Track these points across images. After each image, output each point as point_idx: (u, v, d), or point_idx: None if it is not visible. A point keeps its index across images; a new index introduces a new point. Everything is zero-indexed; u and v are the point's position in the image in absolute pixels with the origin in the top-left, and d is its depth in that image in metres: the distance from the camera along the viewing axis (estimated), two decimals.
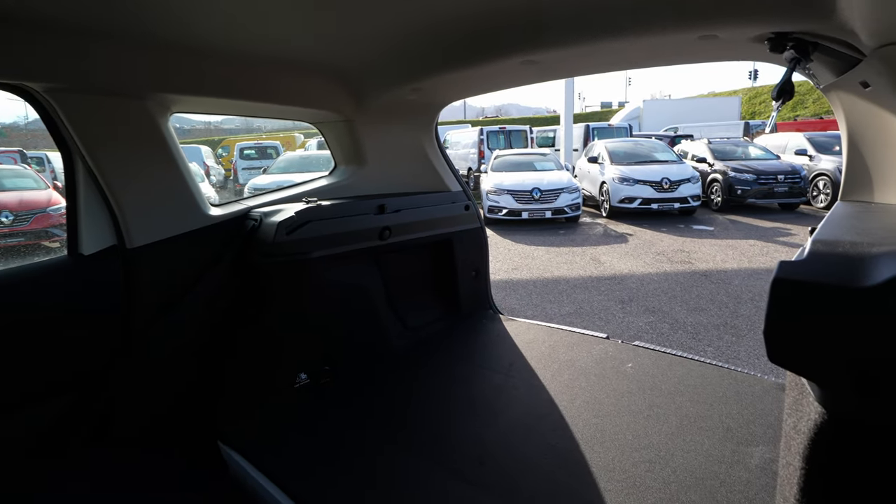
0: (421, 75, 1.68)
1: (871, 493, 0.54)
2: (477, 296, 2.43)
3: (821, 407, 0.56)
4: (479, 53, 1.45)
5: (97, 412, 1.46)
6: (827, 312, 0.53)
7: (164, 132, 1.57)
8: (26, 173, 10.43)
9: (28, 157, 14.38)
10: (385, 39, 1.45)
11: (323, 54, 1.61)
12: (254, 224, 1.71)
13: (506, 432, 1.43)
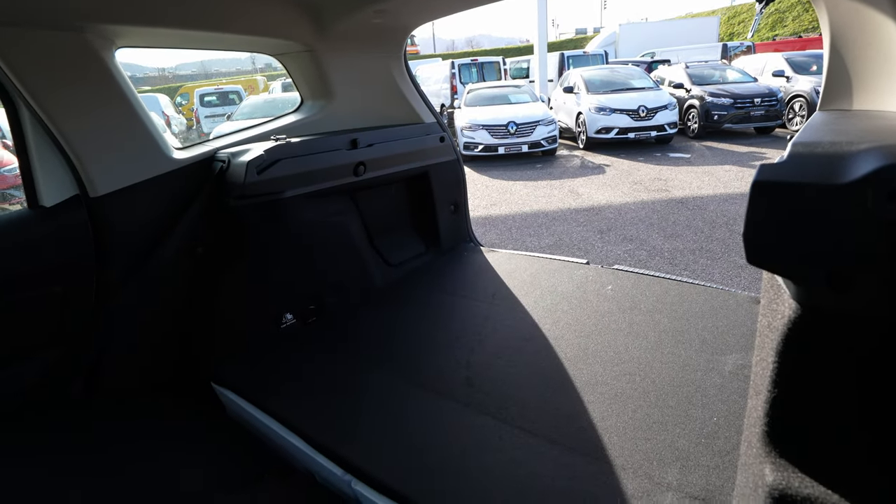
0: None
1: (840, 380, 0.57)
2: (457, 229, 2.43)
3: (795, 303, 0.58)
4: None
5: (86, 365, 1.46)
6: (805, 210, 0.53)
7: (111, 69, 1.45)
8: None
9: None
10: None
11: None
12: (222, 166, 1.64)
13: (492, 356, 1.48)
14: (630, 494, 0.96)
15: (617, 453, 1.07)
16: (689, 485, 0.97)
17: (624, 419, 1.17)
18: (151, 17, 1.45)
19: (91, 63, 1.41)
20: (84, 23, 1.36)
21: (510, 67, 16.92)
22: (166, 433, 1.31)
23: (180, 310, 1.64)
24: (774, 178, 0.56)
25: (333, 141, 1.84)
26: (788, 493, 0.55)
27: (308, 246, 1.81)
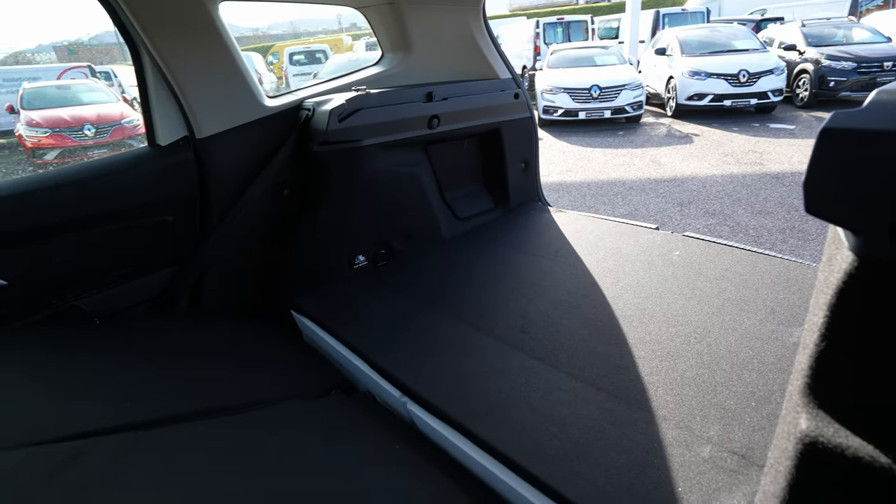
0: None
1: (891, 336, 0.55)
2: (526, 187, 2.43)
3: (853, 256, 0.55)
4: None
5: (190, 285, 1.70)
6: (873, 159, 0.51)
7: (216, 22, 1.61)
8: (99, 87, 10.93)
9: (96, 73, 14.96)
10: None
11: None
12: (307, 113, 1.78)
13: (548, 308, 1.53)
14: (667, 442, 0.99)
15: (660, 405, 1.10)
16: (731, 440, 0.99)
17: (673, 376, 1.19)
18: None
19: (200, 16, 1.57)
20: None
21: (599, 27, 15.91)
22: (252, 348, 1.52)
23: (267, 244, 1.83)
24: (845, 124, 0.53)
25: (410, 93, 1.91)
26: (820, 440, 0.55)
27: (381, 194, 1.92)
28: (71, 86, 10.75)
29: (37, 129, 8.98)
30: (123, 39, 1.55)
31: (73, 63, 16.49)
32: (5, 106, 10.87)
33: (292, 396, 1.27)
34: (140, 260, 1.63)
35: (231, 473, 0.92)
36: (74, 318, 1.50)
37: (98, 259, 1.55)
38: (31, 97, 9.80)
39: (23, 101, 9.69)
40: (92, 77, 13.27)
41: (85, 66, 15.22)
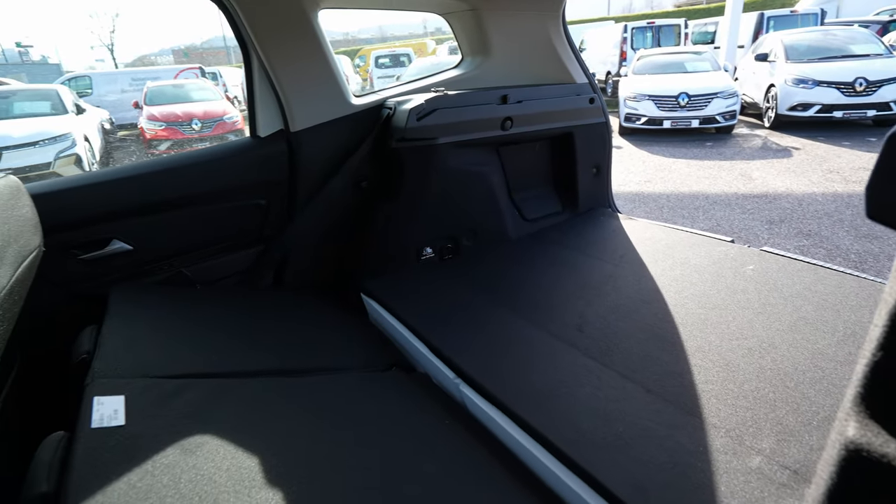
0: None
1: None
2: (596, 193, 2.42)
3: None
4: None
5: (276, 262, 1.89)
6: None
7: (314, 26, 1.78)
8: (207, 86, 12.11)
9: (206, 73, 16.54)
10: None
11: None
12: (389, 112, 1.90)
13: (606, 311, 1.53)
14: (714, 448, 0.97)
15: (711, 413, 1.07)
16: (783, 455, 0.94)
17: (729, 387, 1.15)
18: None
19: (302, 23, 1.75)
20: None
21: (693, 31, 15.08)
22: (324, 322, 1.66)
23: (344, 231, 1.99)
24: None
25: (485, 95, 1.98)
26: (866, 448, 0.53)
27: (452, 190, 2.00)
28: (184, 85, 11.99)
29: (154, 123, 10.10)
30: (238, 43, 1.76)
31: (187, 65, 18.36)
32: (132, 102, 12.36)
33: (356, 368, 1.38)
34: (235, 237, 1.84)
35: (297, 423, 1.04)
36: (181, 282, 1.74)
37: (201, 234, 1.77)
38: (153, 95, 11.04)
39: (146, 98, 10.96)
40: (202, 77, 14.71)
41: (196, 68, 16.89)
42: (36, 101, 8.63)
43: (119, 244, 1.62)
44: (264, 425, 1.00)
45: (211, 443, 0.90)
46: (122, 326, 1.25)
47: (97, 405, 0.91)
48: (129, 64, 32.32)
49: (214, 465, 0.85)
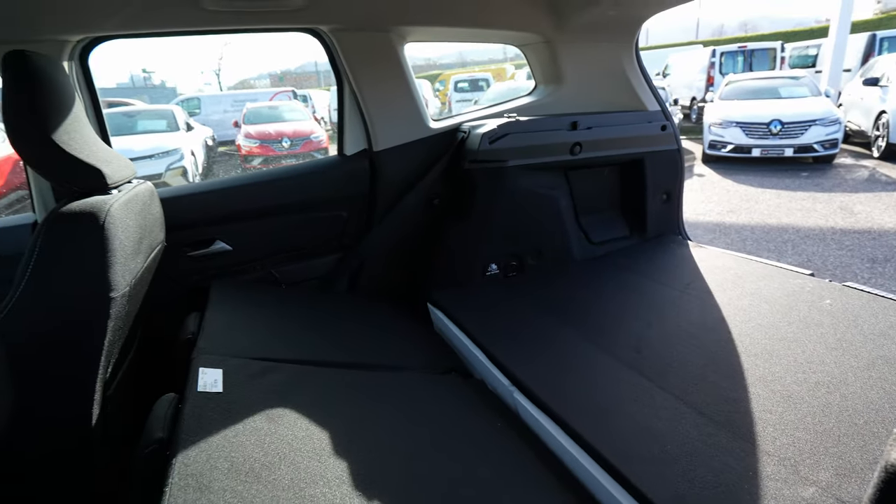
0: None
1: None
2: (666, 219, 2.38)
3: None
4: None
5: (352, 270, 2.05)
6: None
7: (400, 58, 1.96)
8: (298, 107, 13.13)
9: (297, 95, 17.92)
10: None
11: None
12: (463, 135, 2.03)
13: (667, 335, 1.51)
14: (765, 474, 0.94)
15: (766, 440, 1.04)
16: (840, 489, 0.89)
17: (789, 418, 1.10)
18: (430, 18, 1.91)
19: (389, 54, 1.93)
20: (389, 26, 1.90)
21: (790, 55, 14.14)
22: (392, 327, 1.78)
23: (416, 244, 2.12)
24: None
25: (556, 121, 2.05)
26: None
27: (520, 211, 2.07)
28: (278, 106, 13.07)
29: (250, 140, 11.09)
30: (333, 72, 1.98)
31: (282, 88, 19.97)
32: (232, 121, 13.65)
33: (417, 368, 1.47)
34: (317, 244, 2.02)
35: (361, 410, 1.15)
36: (270, 280, 1.94)
37: (289, 239, 1.97)
38: (250, 115, 12.14)
39: (244, 118, 12.07)
40: (293, 99, 15.95)
41: (289, 91, 18.34)
42: (155, 120, 9.81)
43: (221, 245, 1.86)
44: (334, 408, 1.11)
45: (290, 415, 1.03)
46: (220, 314, 1.43)
47: (201, 374, 1.07)
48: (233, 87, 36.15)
49: (292, 434, 0.98)
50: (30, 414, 1.00)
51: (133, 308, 1.25)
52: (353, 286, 2.07)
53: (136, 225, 1.19)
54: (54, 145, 1.05)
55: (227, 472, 0.83)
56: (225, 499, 0.77)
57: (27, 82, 1.02)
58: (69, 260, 1.00)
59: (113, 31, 1.59)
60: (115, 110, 10.70)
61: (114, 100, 13.50)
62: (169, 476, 0.78)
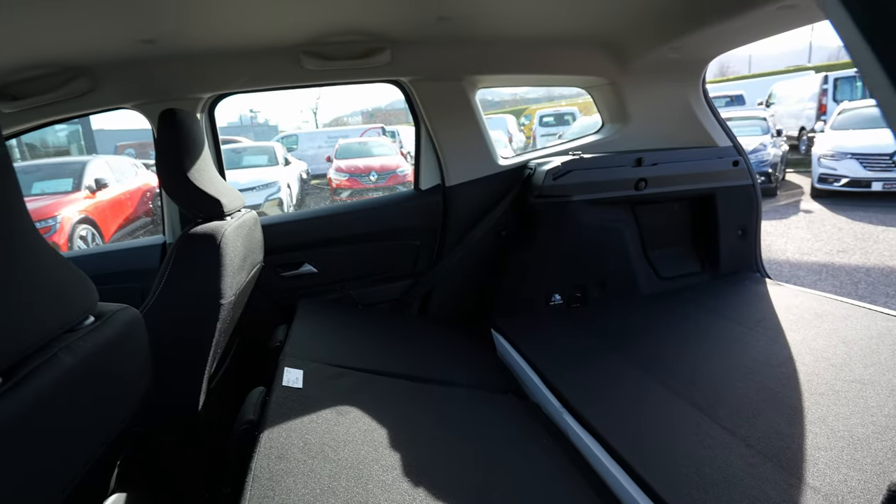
0: (675, 34, 1.75)
1: None
2: (742, 256, 2.28)
3: None
4: (732, 4, 1.45)
5: (422, 295, 2.18)
6: None
7: (472, 104, 2.13)
8: (385, 143, 13.95)
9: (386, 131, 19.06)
10: (635, 3, 1.60)
11: (584, 26, 1.85)
12: (529, 172, 2.13)
13: (726, 370, 1.47)
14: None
15: (817, 476, 0.98)
16: None
17: (846, 459, 1.03)
18: (498, 67, 2.07)
19: (461, 100, 2.11)
20: (462, 75, 2.08)
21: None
22: (456, 348, 1.86)
23: (483, 273, 2.21)
24: None
25: (619, 158, 2.09)
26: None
27: (584, 243, 2.11)
28: (367, 142, 13.98)
29: (340, 174, 11.92)
30: (411, 114, 2.17)
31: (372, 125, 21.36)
32: (325, 156, 14.79)
33: (483, 387, 1.54)
34: (391, 270, 2.18)
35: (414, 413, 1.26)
36: (348, 301, 2.12)
37: (367, 265, 2.15)
38: (342, 150, 13.09)
39: (336, 153, 13.03)
40: (382, 135, 16.95)
41: (379, 127, 19.56)
42: (258, 155, 10.95)
43: (308, 267, 2.07)
44: (393, 410, 1.23)
45: (355, 412, 1.17)
46: (304, 328, 1.61)
47: (286, 373, 1.25)
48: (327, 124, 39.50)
49: (356, 427, 1.11)
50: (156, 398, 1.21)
51: (235, 315, 1.46)
52: (424, 310, 2.20)
53: (242, 246, 1.40)
54: (189, 181, 1.30)
55: (301, 448, 0.98)
56: (298, 468, 0.92)
57: (174, 133, 1.29)
58: (193, 271, 1.23)
59: (235, 90, 1.90)
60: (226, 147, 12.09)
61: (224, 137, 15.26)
62: (256, 448, 0.94)
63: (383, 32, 1.74)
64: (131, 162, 9.87)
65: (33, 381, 0.53)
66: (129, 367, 0.77)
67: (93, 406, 0.66)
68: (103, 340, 0.66)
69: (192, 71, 1.78)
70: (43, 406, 0.54)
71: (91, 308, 0.68)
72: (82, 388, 0.62)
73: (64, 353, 0.59)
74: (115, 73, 1.71)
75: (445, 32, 1.80)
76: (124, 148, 18.13)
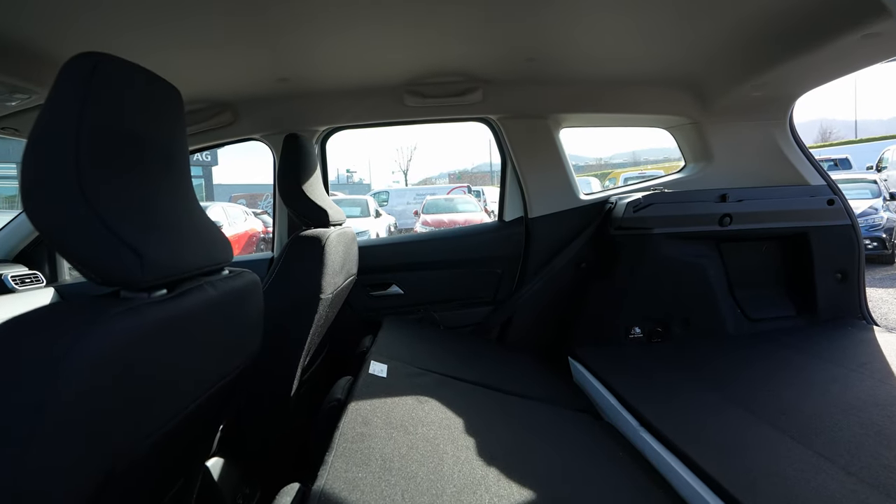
0: (756, 72, 1.76)
1: None
2: (844, 301, 2.09)
3: None
4: (811, 37, 1.46)
5: (502, 321, 2.24)
6: None
7: (556, 141, 2.26)
8: (471, 200, 14.52)
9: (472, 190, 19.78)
10: (715, 43, 1.65)
11: (664, 67, 1.92)
12: (610, 206, 2.18)
13: (823, 405, 1.35)
14: None
15: None
16: None
17: None
18: (581, 106, 2.20)
19: (546, 137, 2.24)
20: (547, 113, 2.23)
21: None
22: (536, 372, 1.87)
23: (561, 303, 2.24)
24: None
25: (703, 193, 2.07)
26: None
27: (665, 277, 2.07)
28: (454, 199, 14.59)
29: (426, 228, 12.47)
30: (498, 150, 2.35)
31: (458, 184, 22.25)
32: (413, 211, 15.59)
33: (549, 402, 1.55)
34: (473, 296, 2.29)
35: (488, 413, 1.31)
36: (431, 322, 2.23)
37: (450, 290, 2.28)
38: (429, 205, 13.77)
39: (423, 208, 13.72)
40: (468, 193, 17.62)
41: (465, 186, 20.35)
42: (352, 207, 11.84)
43: (395, 288, 2.23)
44: (473, 409, 1.28)
45: (433, 402, 1.24)
46: (390, 337, 1.74)
47: (372, 365, 1.37)
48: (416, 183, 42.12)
49: (436, 414, 1.18)
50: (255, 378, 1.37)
51: (329, 316, 1.62)
52: (503, 337, 2.25)
53: (341, 253, 1.60)
54: (303, 192, 1.55)
55: (383, 422, 1.07)
56: (379, 434, 1.01)
57: (295, 152, 1.57)
58: (300, 268, 1.42)
59: (344, 123, 2.21)
60: None
61: None
62: (343, 415, 1.05)
63: (477, 73, 1.95)
64: (242, 209, 11.24)
65: (188, 297, 0.69)
66: (250, 318, 0.91)
67: (221, 337, 0.80)
68: (234, 288, 0.82)
69: (312, 106, 2.11)
70: (192, 318, 0.69)
71: (227, 261, 0.85)
72: (218, 316, 0.77)
73: (208, 286, 0.75)
74: (252, 108, 2.08)
75: (533, 73, 1.97)
76: (238, 198, 20.39)
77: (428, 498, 0.85)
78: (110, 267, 0.58)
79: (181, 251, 0.70)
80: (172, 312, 0.64)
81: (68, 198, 0.55)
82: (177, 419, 0.68)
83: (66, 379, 0.47)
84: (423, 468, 0.94)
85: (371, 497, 0.81)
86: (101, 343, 0.51)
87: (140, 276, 0.60)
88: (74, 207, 0.56)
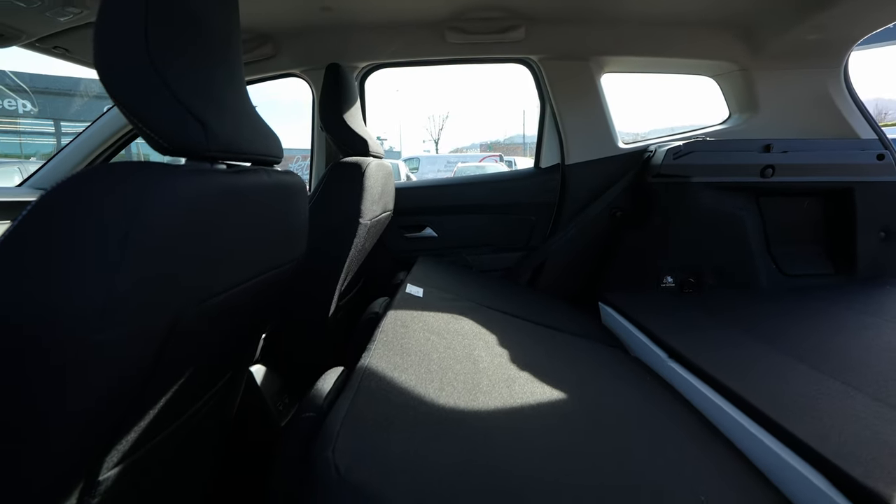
0: (816, 8, 1.65)
1: None
2: (885, 261, 2.01)
3: None
4: None
5: (533, 267, 2.27)
6: None
7: (597, 86, 2.21)
8: (502, 168, 14.44)
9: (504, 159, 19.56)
10: None
11: (715, 5, 1.82)
12: (650, 154, 2.14)
13: (854, 346, 1.34)
14: None
15: None
16: None
17: None
18: (625, 49, 2.13)
19: (587, 81, 2.19)
20: (589, 56, 2.17)
21: None
22: (567, 310, 1.89)
23: (594, 251, 2.24)
24: None
25: (747, 143, 1.99)
26: None
27: (701, 228, 2.03)
28: (485, 167, 14.50)
29: None
30: (538, 95, 2.31)
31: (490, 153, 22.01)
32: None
33: (582, 336, 1.57)
34: (506, 242, 2.31)
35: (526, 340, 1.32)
36: (463, 265, 2.27)
37: (484, 234, 2.30)
38: (458, 173, 13.75)
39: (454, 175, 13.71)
40: (500, 162, 17.44)
41: (497, 155, 20.10)
42: None
43: (429, 231, 2.27)
44: (507, 333, 1.31)
45: (470, 322, 1.28)
46: (424, 271, 1.78)
47: (410, 287, 1.42)
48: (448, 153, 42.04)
49: (471, 328, 1.23)
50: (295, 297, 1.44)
51: (367, 246, 1.67)
52: (534, 281, 2.28)
53: (380, 183, 1.63)
54: (343, 121, 1.59)
55: (420, 326, 1.12)
56: (417, 335, 1.06)
57: (338, 82, 1.60)
58: (340, 191, 1.46)
59: (385, 60, 2.21)
60: None
61: None
62: (381, 320, 1.10)
63: (520, 9, 1.91)
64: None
65: (245, 176, 0.72)
66: (297, 217, 0.94)
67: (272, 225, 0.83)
68: (286, 183, 0.86)
69: (353, 39, 2.11)
70: (249, 196, 0.72)
71: (279, 157, 0.88)
72: (272, 202, 0.81)
73: (263, 173, 0.79)
74: (293, 41, 2.09)
75: (577, 9, 1.92)
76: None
77: (464, 386, 0.91)
78: (178, 133, 0.61)
79: (240, 132, 0.74)
80: (232, 183, 0.67)
81: (140, 67, 0.59)
82: (236, 290, 0.72)
83: (146, 211, 0.51)
84: (460, 364, 0.99)
85: (412, 379, 0.87)
86: (175, 189, 0.55)
87: (205, 145, 0.63)
88: (146, 76, 0.59)
